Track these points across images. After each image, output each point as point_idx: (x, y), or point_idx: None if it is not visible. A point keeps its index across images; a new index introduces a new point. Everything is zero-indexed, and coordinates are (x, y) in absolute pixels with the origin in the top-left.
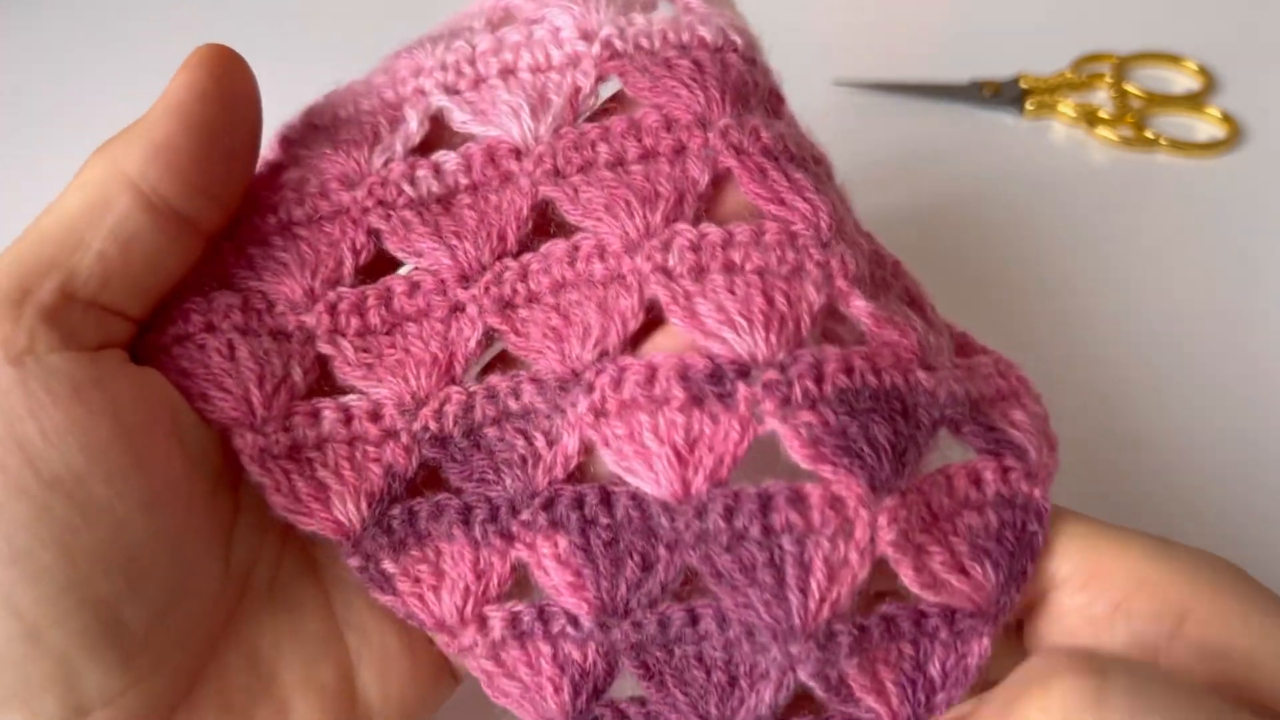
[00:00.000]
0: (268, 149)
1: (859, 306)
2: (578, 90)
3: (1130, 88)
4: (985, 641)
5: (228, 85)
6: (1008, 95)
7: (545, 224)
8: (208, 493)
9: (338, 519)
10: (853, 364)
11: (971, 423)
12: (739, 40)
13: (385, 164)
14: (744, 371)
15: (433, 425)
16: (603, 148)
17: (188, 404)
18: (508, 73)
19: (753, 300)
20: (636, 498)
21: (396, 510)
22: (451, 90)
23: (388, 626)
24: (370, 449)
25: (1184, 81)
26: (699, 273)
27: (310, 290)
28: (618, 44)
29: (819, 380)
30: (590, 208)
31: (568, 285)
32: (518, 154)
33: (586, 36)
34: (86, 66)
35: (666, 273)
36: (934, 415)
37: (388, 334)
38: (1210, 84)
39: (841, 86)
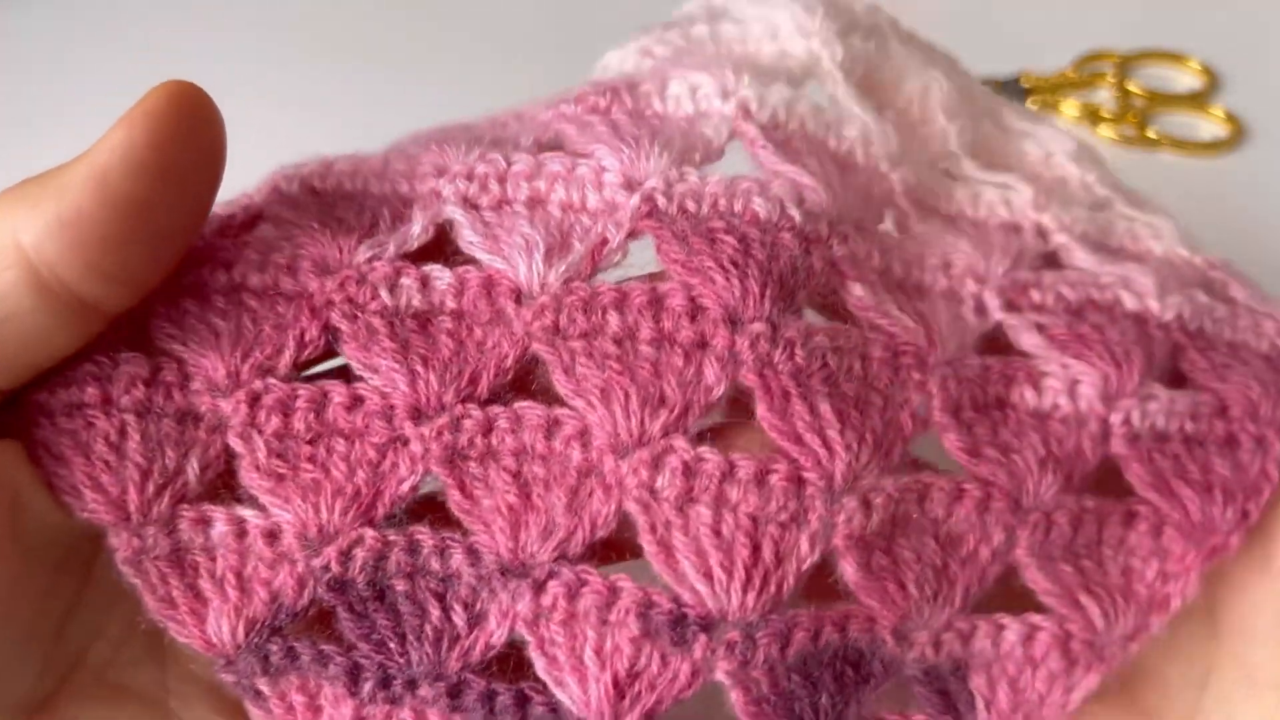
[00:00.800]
0: (256, 186)
1: (849, 573)
2: (604, 242)
3: (1133, 86)
4: None
5: (174, 150)
6: (1009, 94)
7: (527, 379)
8: (42, 587)
9: (209, 639)
10: (822, 629)
11: (926, 682)
12: (797, 216)
13: (369, 260)
14: (707, 625)
15: (335, 568)
16: (614, 317)
17: (40, 484)
18: (536, 202)
19: (737, 549)
20: (555, 710)
21: (276, 644)
22: (470, 204)
23: None
24: (261, 568)
25: (1187, 80)
26: (686, 502)
27: (236, 372)
28: (660, 201)
29: (784, 647)
30: (584, 386)
31: (535, 457)
32: (518, 296)
33: (629, 185)
34: (85, 66)
35: (651, 492)
36: (885, 670)
37: (310, 444)
38: (1213, 83)
39: None
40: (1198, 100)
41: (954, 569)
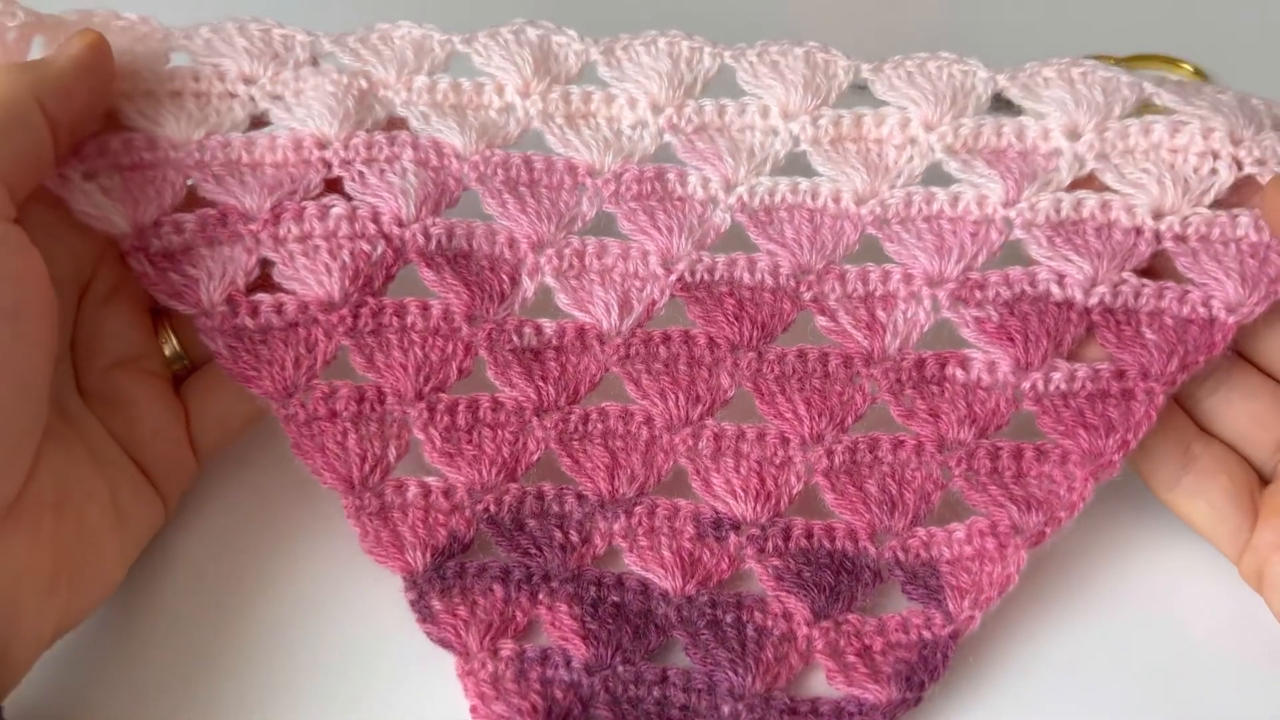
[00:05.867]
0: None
1: (827, 498)
2: (654, 303)
3: None
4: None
5: (98, 58)
6: (1004, 98)
7: (607, 391)
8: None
9: (407, 563)
10: (813, 531)
11: (912, 583)
12: (772, 282)
13: (503, 316)
14: (736, 526)
15: (492, 509)
16: (663, 349)
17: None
18: (605, 272)
19: (750, 480)
20: (644, 585)
21: (451, 564)
22: (560, 274)
23: (129, 469)
24: (441, 516)
25: None
26: (716, 454)
27: (420, 391)
28: (687, 277)
29: (786, 539)
30: (647, 392)
31: (616, 436)
32: (600, 337)
33: (666, 264)
34: None
35: (695, 451)
36: (874, 573)
37: (468, 433)
38: None
39: None
40: None
41: (907, 495)
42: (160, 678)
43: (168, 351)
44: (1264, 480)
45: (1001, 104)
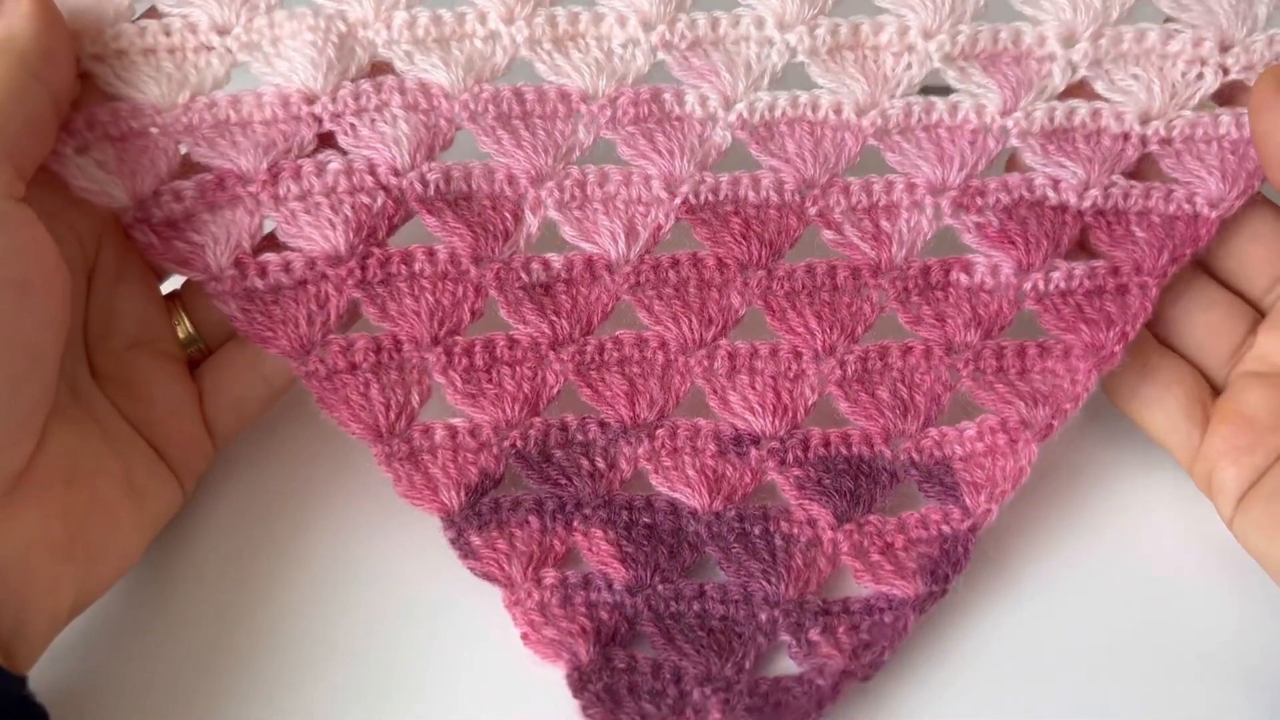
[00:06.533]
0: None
1: (842, 407)
2: (659, 228)
3: None
4: (913, 617)
5: (50, 14)
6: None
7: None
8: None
9: (443, 503)
10: (830, 440)
11: (928, 481)
12: (777, 198)
13: (510, 255)
14: (756, 440)
15: (519, 444)
16: (672, 274)
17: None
18: (609, 200)
19: (766, 395)
20: (673, 505)
21: (486, 500)
22: (563, 206)
23: (142, 448)
24: (470, 455)
25: None
26: (732, 373)
27: (435, 336)
28: (691, 200)
29: (805, 450)
30: (660, 317)
31: (633, 363)
32: (609, 268)
33: (669, 187)
34: None
35: (711, 372)
36: (891, 475)
37: (487, 372)
38: None
39: None
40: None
41: (918, 398)
42: (201, 634)
43: (181, 335)
44: (1216, 391)
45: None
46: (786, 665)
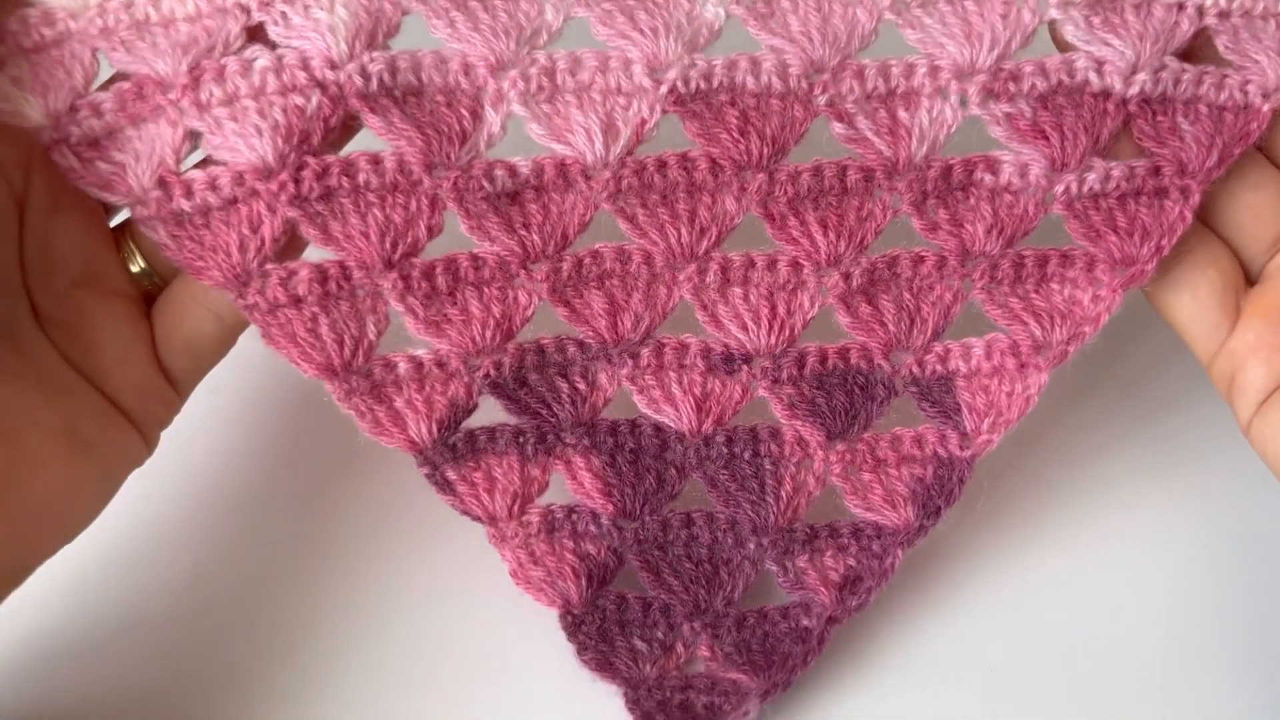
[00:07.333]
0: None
1: (842, 320)
2: (643, 123)
3: None
4: (899, 555)
5: None
6: None
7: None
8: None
9: (412, 439)
10: (827, 355)
11: (927, 400)
12: (780, 85)
13: (470, 160)
14: (748, 358)
15: (492, 373)
16: (658, 179)
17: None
18: (581, 90)
19: (761, 309)
20: (658, 429)
21: (459, 435)
22: (528, 101)
23: (92, 397)
24: (438, 386)
25: None
26: (724, 286)
27: (387, 258)
28: (680, 88)
29: (800, 367)
30: (644, 228)
31: (614, 278)
32: (585, 173)
33: (653, 72)
34: None
35: (700, 286)
36: (888, 390)
37: (450, 296)
38: None
39: None
40: None
41: (925, 309)
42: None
43: (134, 269)
44: (1250, 282)
45: None
46: (777, 597)
